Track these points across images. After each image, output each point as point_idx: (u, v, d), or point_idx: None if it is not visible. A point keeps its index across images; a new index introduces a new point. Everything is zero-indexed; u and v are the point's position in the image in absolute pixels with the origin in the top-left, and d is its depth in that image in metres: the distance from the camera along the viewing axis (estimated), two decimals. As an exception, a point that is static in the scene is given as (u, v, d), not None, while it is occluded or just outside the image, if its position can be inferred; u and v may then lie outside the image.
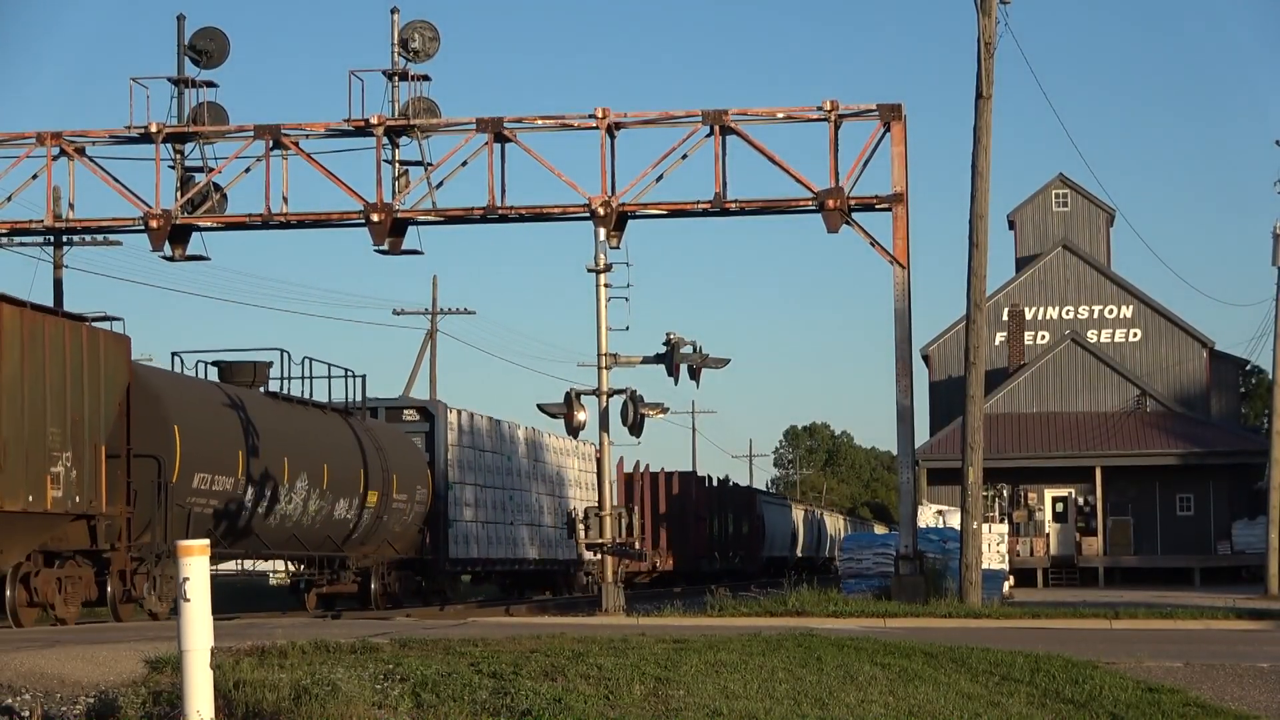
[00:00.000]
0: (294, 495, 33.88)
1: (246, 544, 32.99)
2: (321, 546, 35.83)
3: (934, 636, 22.33)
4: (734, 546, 68.08)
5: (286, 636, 17.41)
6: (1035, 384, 64.06)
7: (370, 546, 38.00)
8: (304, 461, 34.14)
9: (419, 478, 40.38)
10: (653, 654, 16.86)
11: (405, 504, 39.34)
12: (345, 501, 36.15)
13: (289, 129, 34.52)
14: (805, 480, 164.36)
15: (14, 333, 24.20)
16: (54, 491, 25.18)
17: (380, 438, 38.77)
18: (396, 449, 39.51)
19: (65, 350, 25.57)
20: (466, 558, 43.95)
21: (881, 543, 38.98)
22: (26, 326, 24.55)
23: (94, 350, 26.42)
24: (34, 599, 26.05)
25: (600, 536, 32.51)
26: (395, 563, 39.38)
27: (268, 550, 34.31)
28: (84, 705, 13.39)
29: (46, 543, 26.16)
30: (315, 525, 35.11)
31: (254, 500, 32.35)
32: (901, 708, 15.04)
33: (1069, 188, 69.56)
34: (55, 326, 25.52)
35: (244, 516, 32.15)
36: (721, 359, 33.39)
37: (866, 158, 33.65)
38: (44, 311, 25.45)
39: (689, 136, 33.74)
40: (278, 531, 33.71)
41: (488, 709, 13.00)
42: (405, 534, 39.93)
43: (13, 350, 24.16)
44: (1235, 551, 59.63)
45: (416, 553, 40.74)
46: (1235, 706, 17.26)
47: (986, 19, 32.45)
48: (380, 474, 37.79)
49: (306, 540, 35.00)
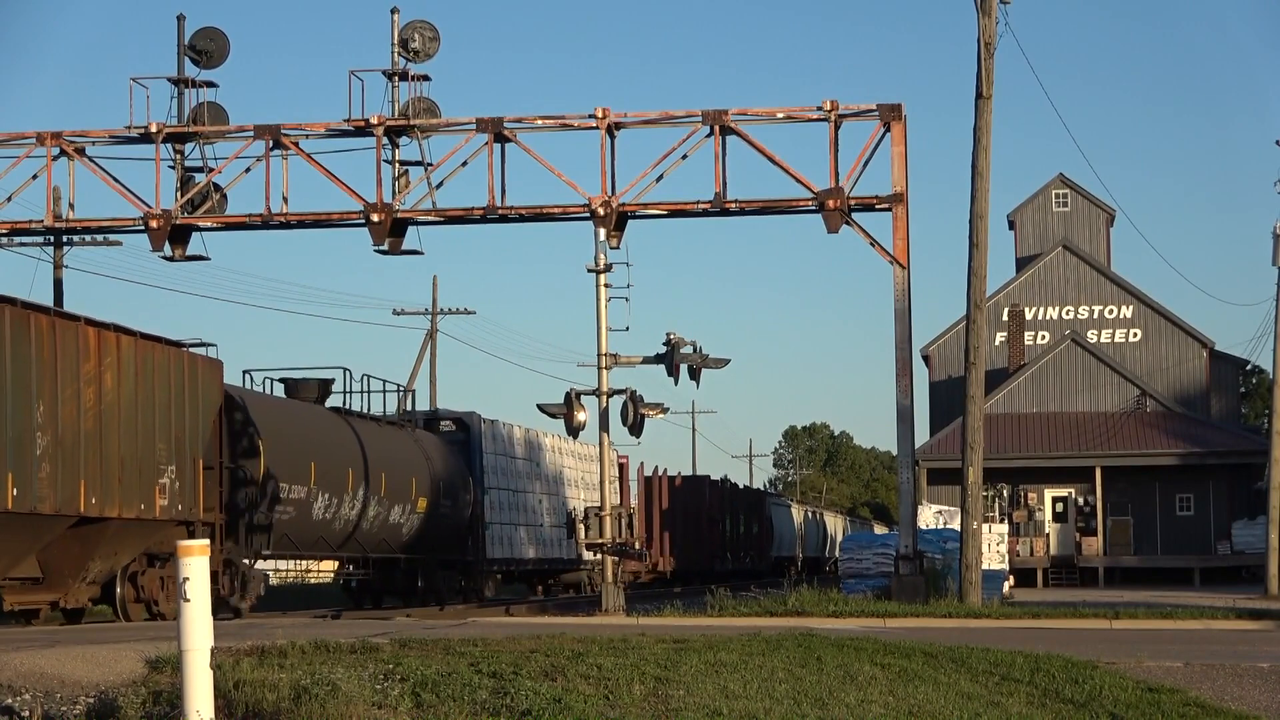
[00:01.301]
0: (356, 502, 36.62)
1: (316, 546, 35.86)
2: (378, 549, 38.60)
3: (934, 636, 22.33)
4: (745, 547, 70.32)
5: (286, 636, 17.41)
6: (1035, 384, 64.04)
7: (419, 548, 40.56)
8: (364, 471, 36.98)
9: (461, 484, 43.08)
10: (653, 654, 16.86)
11: (450, 509, 42.04)
12: (399, 507, 38.86)
13: (289, 129, 34.52)
14: (805, 480, 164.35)
15: (129, 360, 27.07)
16: (161, 500, 28.01)
17: (428, 448, 41.65)
18: (441, 458, 42.25)
19: (170, 374, 28.44)
20: (502, 558, 46.34)
21: (881, 543, 38.97)
22: (140, 354, 27.42)
23: (193, 373, 29.36)
24: (140, 596, 28.83)
25: (600, 536, 32.53)
26: (441, 563, 42.25)
27: (333, 552, 37.26)
28: (84, 705, 13.39)
29: (152, 546, 28.73)
30: (374, 529, 37.83)
31: (323, 507, 35.16)
32: (901, 708, 15.04)
33: (1069, 188, 69.55)
34: (162, 353, 28.34)
35: (314, 522, 34.92)
36: (721, 359, 33.41)
37: (866, 158, 33.67)
38: (152, 340, 28.09)
39: (689, 136, 33.75)
40: (341, 534, 36.46)
41: (488, 709, 13.00)
42: (449, 536, 42.61)
43: (128, 376, 27.03)
44: (1235, 551, 59.60)
45: (459, 553, 43.47)
46: (1235, 706, 17.26)
47: (986, 19, 32.46)
48: (429, 482, 40.55)
49: (365, 543, 37.78)
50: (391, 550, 39.21)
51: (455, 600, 42.36)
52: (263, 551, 33.27)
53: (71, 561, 26.49)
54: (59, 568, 26.41)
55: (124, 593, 28.41)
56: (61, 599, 26.77)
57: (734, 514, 68.82)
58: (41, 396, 24.64)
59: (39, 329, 24.73)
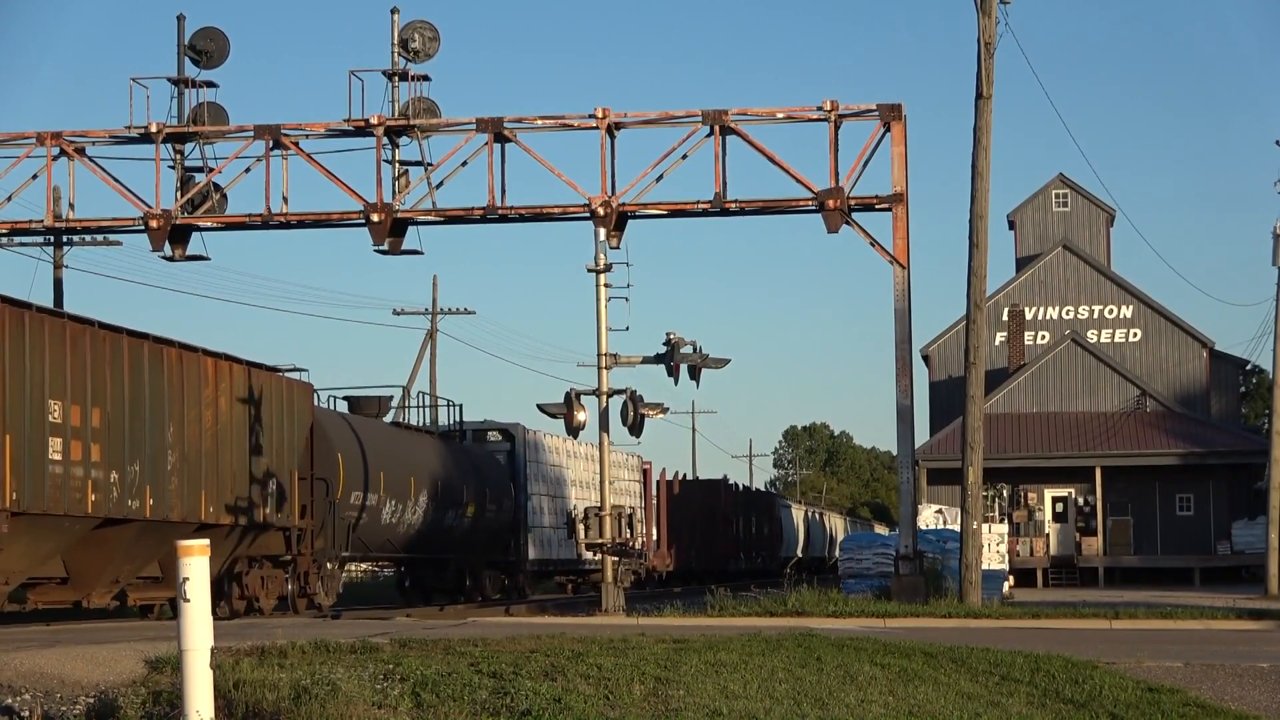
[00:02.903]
0: (416, 508, 40.06)
1: (383, 548, 39.52)
2: (432, 550, 42.13)
3: (934, 636, 22.33)
4: (756, 547, 73.06)
5: (286, 636, 17.41)
6: (1035, 384, 64.02)
7: (468, 549, 44.20)
8: (423, 479, 40.39)
9: (504, 491, 46.59)
10: (653, 654, 16.85)
11: (495, 514, 45.52)
12: (451, 512, 42.26)
13: (289, 129, 34.51)
14: (805, 480, 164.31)
15: (239, 386, 31.19)
16: (264, 509, 31.98)
17: (476, 457, 45.79)
18: (488, 466, 46.19)
19: (271, 397, 32.53)
20: (540, 559, 49.48)
21: (881, 543, 38.96)
22: (247, 380, 31.50)
23: (289, 396, 33.48)
24: (244, 594, 32.53)
25: (600, 536, 32.54)
26: (486, 563, 45.98)
27: (396, 553, 40.80)
28: (84, 705, 13.39)
29: (253, 550, 32.46)
30: (430, 532, 41.22)
31: (389, 512, 38.63)
32: (901, 708, 15.04)
33: (1069, 188, 69.52)
34: (265, 379, 32.45)
35: (381, 525, 38.35)
36: (721, 359, 33.41)
37: (866, 158, 33.65)
38: (256, 367, 32.21)
39: (689, 136, 33.74)
40: (404, 537, 39.95)
41: (487, 709, 13.00)
42: (494, 538, 46.16)
43: (237, 400, 31.08)
44: (1235, 551, 59.56)
45: (502, 554, 47.05)
46: (1235, 706, 17.25)
47: (986, 19, 32.45)
48: (477, 488, 44.14)
49: (423, 545, 41.21)
50: (444, 551, 42.75)
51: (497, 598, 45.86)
52: (341, 553, 36.24)
53: None
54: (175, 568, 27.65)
55: (231, 590, 32.20)
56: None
57: (746, 516, 71.36)
58: (172, 419, 28.44)
59: (169, 360, 28.56)
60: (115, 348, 26.85)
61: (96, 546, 26.86)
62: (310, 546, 33.88)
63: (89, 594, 27.53)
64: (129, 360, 27.22)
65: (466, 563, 44.59)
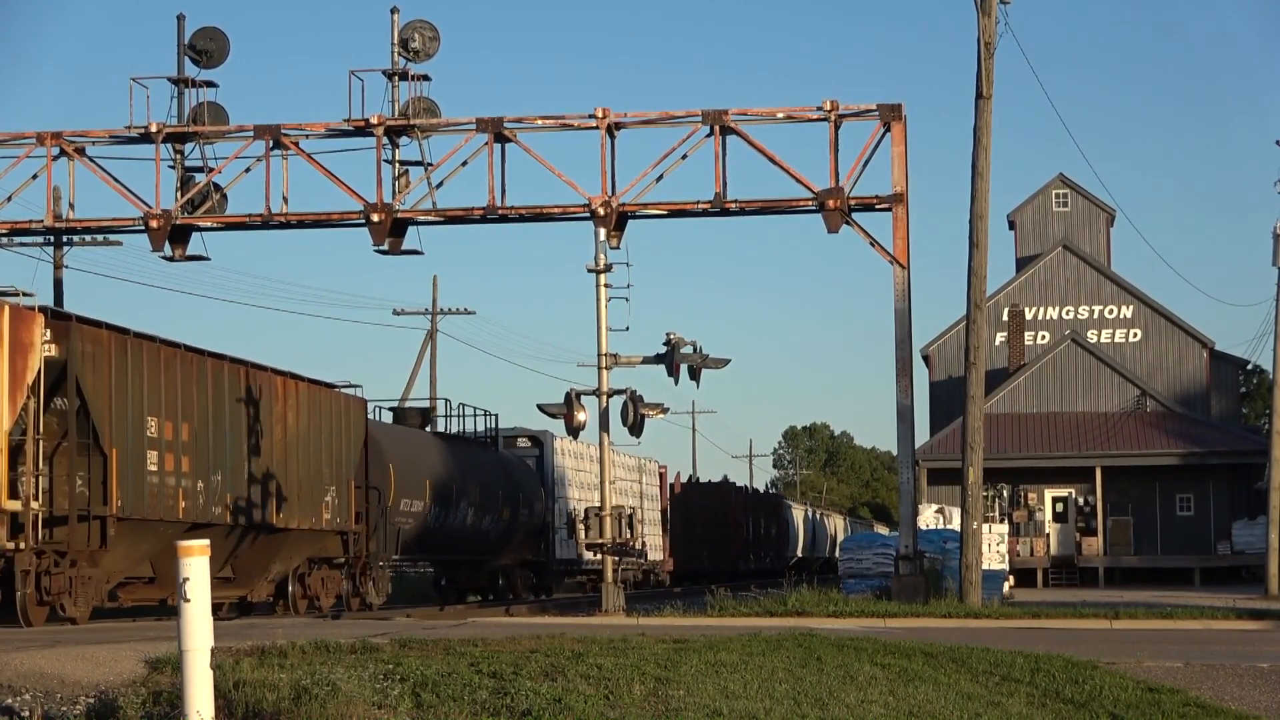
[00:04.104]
0: (457, 512, 42.82)
1: (427, 550, 42.64)
2: (471, 552, 45.16)
3: (934, 636, 22.32)
4: (765, 547, 75.49)
5: (286, 636, 17.41)
6: (1035, 384, 64.01)
7: (502, 551, 47.20)
8: (464, 485, 43.32)
9: (535, 495, 49.32)
10: (653, 654, 16.85)
11: (527, 517, 48.17)
12: (489, 516, 45.12)
13: (289, 129, 34.50)
14: (805, 480, 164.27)
15: (304, 402, 33.90)
16: (325, 514, 34.62)
17: (509, 463, 48.74)
18: (520, 472, 49.21)
19: (331, 412, 35.34)
20: (566, 559, 52.16)
21: (881, 543, 38.96)
22: (310, 396, 34.23)
23: (347, 411, 36.22)
24: (306, 593, 35.09)
25: (600, 536, 32.54)
26: (519, 563, 49.02)
27: (439, 554, 43.99)
28: (84, 705, 13.39)
29: (316, 552, 35.25)
30: (469, 535, 44.09)
31: (434, 517, 41.40)
32: (901, 708, 15.03)
33: (1069, 188, 69.50)
34: (326, 395, 35.26)
35: (426, 529, 41.17)
36: (721, 359, 33.41)
37: (866, 158, 33.64)
38: (318, 384, 35.00)
39: (689, 136, 33.73)
40: (447, 540, 42.80)
41: (488, 709, 13.00)
42: (526, 540, 48.83)
43: (303, 415, 33.74)
44: (1235, 551, 59.56)
45: (532, 554, 49.84)
46: (1235, 706, 17.25)
47: (986, 19, 32.45)
48: (511, 493, 46.95)
49: (462, 547, 44.20)
50: (482, 553, 45.83)
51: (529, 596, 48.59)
52: (391, 556, 39.02)
53: (258, 564, 32.68)
54: (248, 569, 32.49)
55: (295, 590, 34.58)
56: (249, 594, 32.81)
57: (755, 517, 73.65)
58: (248, 433, 31.25)
59: (245, 379, 31.24)
60: (200, 368, 29.63)
61: None
62: (365, 550, 36.76)
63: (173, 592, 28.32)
64: (211, 379, 30.01)
65: (501, 563, 47.63)
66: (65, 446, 25.68)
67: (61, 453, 25.69)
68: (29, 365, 25.08)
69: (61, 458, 25.68)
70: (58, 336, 25.67)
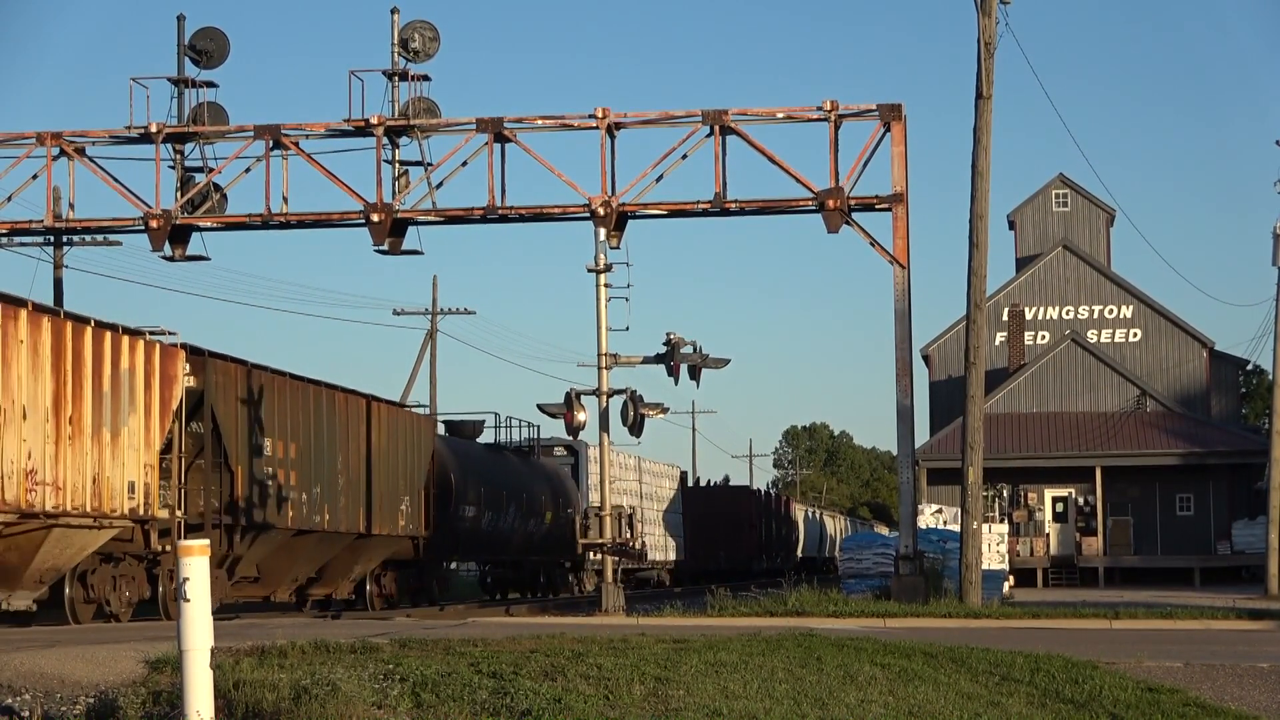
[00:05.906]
0: (506, 516, 46.61)
1: (482, 552, 46.97)
2: (517, 553, 49.13)
3: (934, 636, 22.32)
4: (776, 547, 78.98)
5: (286, 636, 17.41)
6: (1035, 384, 64.00)
7: (544, 551, 50.86)
8: (512, 492, 47.19)
9: (572, 500, 52.68)
10: (653, 654, 16.85)
11: (566, 520, 50.50)
12: (534, 520, 48.86)
13: (289, 129, 34.49)
14: (805, 480, 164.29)
15: (387, 422, 38.11)
16: (401, 521, 38.71)
17: (550, 471, 52.50)
18: (560, 478, 52.96)
19: (407, 430, 39.66)
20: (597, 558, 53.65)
21: (881, 543, 38.98)
22: (391, 417, 38.59)
23: (418, 427, 40.71)
24: (381, 592, 39.70)
25: (600, 536, 32.55)
26: (557, 563, 52.89)
27: (491, 555, 48.10)
28: (84, 705, 13.39)
29: (390, 555, 39.45)
30: (516, 537, 47.79)
31: (488, 521, 45.32)
32: (901, 708, 15.03)
33: (1069, 188, 69.49)
34: (400, 414, 39.83)
35: (482, 532, 45.06)
36: (721, 359, 33.41)
37: (866, 158, 33.64)
38: (396, 405, 40.03)
39: (689, 136, 33.73)
40: (498, 542, 46.72)
41: (487, 709, 12.99)
42: (564, 542, 50.23)
43: (384, 433, 37.87)
44: (1235, 551, 59.53)
45: (570, 555, 51.44)
46: (1235, 706, 17.25)
47: (986, 19, 32.44)
48: (553, 498, 50.79)
49: (510, 548, 48.04)
50: (526, 554, 49.72)
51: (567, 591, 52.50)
52: (454, 557, 43.77)
53: (343, 566, 36.89)
54: (333, 570, 36.63)
55: (372, 590, 39.17)
56: (334, 591, 37.27)
57: (766, 518, 76.72)
58: (340, 450, 35.28)
59: (338, 402, 35.46)
60: (304, 393, 33.77)
61: (287, 552, 33.49)
62: (433, 552, 41.59)
63: (274, 590, 34.43)
64: (313, 403, 34.16)
65: (542, 562, 51.74)
66: (199, 464, 29.86)
67: (195, 469, 29.73)
68: (174, 395, 28.37)
69: (194, 473, 29.72)
70: (196, 369, 29.54)
